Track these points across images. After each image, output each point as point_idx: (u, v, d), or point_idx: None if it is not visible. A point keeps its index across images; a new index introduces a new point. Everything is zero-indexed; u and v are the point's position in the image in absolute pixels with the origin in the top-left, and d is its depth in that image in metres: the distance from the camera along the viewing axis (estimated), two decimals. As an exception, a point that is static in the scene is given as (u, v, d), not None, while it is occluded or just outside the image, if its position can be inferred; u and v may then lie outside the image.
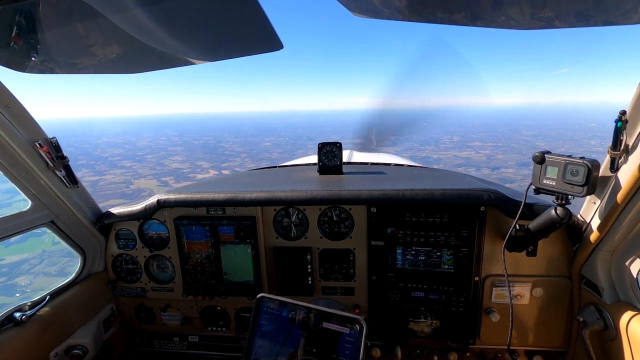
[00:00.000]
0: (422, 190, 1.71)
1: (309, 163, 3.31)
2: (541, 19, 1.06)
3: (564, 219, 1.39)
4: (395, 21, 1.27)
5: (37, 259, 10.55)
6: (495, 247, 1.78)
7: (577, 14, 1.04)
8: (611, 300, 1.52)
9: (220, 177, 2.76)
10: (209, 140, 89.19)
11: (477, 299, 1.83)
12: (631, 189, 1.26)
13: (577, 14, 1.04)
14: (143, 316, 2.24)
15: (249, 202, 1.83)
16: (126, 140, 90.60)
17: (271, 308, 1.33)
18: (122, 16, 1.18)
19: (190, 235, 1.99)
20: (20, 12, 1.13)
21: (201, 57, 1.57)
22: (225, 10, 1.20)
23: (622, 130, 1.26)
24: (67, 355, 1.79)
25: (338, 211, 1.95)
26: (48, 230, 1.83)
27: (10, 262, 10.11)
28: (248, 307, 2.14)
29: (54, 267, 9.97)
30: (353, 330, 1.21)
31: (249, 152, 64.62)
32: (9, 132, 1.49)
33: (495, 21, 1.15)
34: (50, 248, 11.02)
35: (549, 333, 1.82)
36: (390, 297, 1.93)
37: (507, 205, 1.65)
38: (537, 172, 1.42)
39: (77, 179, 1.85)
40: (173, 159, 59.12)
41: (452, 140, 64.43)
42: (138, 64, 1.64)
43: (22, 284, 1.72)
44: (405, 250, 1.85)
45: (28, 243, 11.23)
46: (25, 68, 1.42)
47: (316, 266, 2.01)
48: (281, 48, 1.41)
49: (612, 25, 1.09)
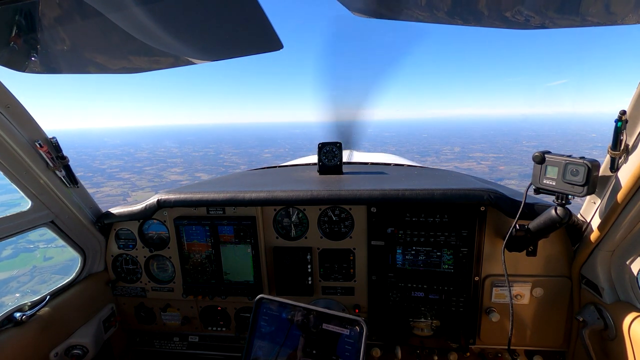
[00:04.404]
0: (422, 190, 1.71)
1: (309, 163, 3.31)
2: (531, 17, 1.06)
3: (564, 219, 1.39)
4: (395, 22, 1.27)
5: (27, 275, 10.13)
6: (495, 247, 1.78)
7: (558, 10, 1.04)
8: (611, 300, 1.52)
9: (220, 177, 2.76)
10: (209, 152, 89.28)
11: (477, 298, 1.83)
12: (631, 188, 1.26)
13: (559, 10, 1.04)
14: (143, 316, 2.24)
15: (249, 202, 1.83)
16: (125, 152, 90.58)
17: (271, 309, 1.33)
18: (122, 16, 1.18)
19: (190, 235, 1.99)
20: (20, 12, 1.13)
21: (201, 56, 1.57)
22: (225, 10, 1.20)
23: (622, 130, 1.26)
24: (67, 355, 1.79)
25: (338, 211, 1.95)
26: (48, 230, 1.83)
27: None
28: (248, 307, 2.14)
29: (44, 285, 9.59)
30: (353, 331, 1.21)
31: (249, 164, 65.04)
32: (9, 132, 1.50)
33: (495, 21, 1.15)
34: (41, 264, 10.73)
35: (549, 333, 1.82)
36: (390, 297, 1.93)
37: (507, 205, 1.65)
38: (537, 172, 1.41)
39: (77, 179, 1.85)
40: (172, 170, 59.29)
41: (453, 151, 64.50)
42: (138, 64, 1.64)
43: (9, 303, 1.69)
44: (405, 250, 1.85)
45: (19, 259, 10.96)
46: (25, 68, 1.42)
47: (316, 266, 2.01)
48: (281, 48, 1.41)
49: (601, 25, 1.09)
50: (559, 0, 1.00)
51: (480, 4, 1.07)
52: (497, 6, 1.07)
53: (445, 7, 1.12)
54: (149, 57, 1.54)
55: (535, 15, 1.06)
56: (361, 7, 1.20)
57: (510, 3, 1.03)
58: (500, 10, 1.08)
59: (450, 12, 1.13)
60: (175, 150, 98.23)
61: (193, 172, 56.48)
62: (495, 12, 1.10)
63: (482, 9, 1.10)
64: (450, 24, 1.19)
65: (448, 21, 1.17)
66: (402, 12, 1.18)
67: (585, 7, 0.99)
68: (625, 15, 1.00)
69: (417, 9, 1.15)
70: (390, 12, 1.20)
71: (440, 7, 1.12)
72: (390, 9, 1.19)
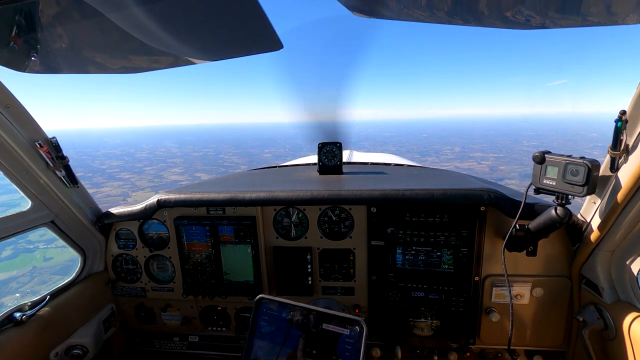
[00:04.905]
0: (422, 190, 1.71)
1: (309, 163, 3.31)
2: (532, 17, 1.06)
3: (564, 219, 1.39)
4: (394, 22, 1.27)
5: (27, 276, 10.12)
6: (495, 247, 1.78)
7: (558, 11, 1.04)
8: (611, 300, 1.52)
9: (220, 177, 2.76)
10: (209, 152, 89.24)
11: (477, 298, 1.83)
12: (631, 188, 1.26)
13: (559, 11, 1.04)
14: (143, 316, 2.24)
15: (249, 202, 1.83)
16: (125, 152, 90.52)
17: (271, 309, 1.33)
18: (122, 15, 1.18)
19: (190, 235, 1.99)
20: (20, 12, 1.13)
21: (201, 56, 1.57)
22: (225, 10, 1.20)
23: (622, 130, 1.26)
24: (67, 355, 1.79)
25: (338, 211, 1.95)
26: (48, 230, 1.83)
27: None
28: (248, 307, 2.14)
29: (43, 285, 9.53)
30: (353, 331, 1.21)
31: (249, 164, 65.09)
32: (9, 132, 1.49)
33: (495, 21, 1.15)
34: (41, 264, 10.71)
35: (549, 333, 1.82)
36: (390, 297, 1.93)
37: (507, 205, 1.65)
38: (537, 172, 1.41)
39: (77, 179, 1.85)
40: (172, 170, 59.32)
41: (453, 151, 64.52)
42: (138, 64, 1.64)
43: (8, 304, 1.69)
44: (405, 250, 1.85)
45: (19, 259, 10.94)
46: (25, 68, 1.42)
47: (316, 266, 2.01)
48: (281, 48, 1.41)
49: (601, 25, 1.08)
50: (560, 0, 1.00)
51: (481, 4, 1.07)
52: (498, 6, 1.07)
53: (445, 7, 1.12)
54: (149, 57, 1.53)
55: (535, 15, 1.06)
56: (361, 7, 1.20)
57: (511, 3, 1.03)
58: (500, 10, 1.08)
59: (450, 12, 1.13)
60: (175, 150, 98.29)
61: (193, 172, 56.56)
62: (495, 12, 1.10)
63: (482, 9, 1.09)
64: (450, 23, 1.18)
65: (448, 21, 1.17)
66: (402, 12, 1.18)
67: (586, 7, 0.99)
68: (626, 16, 1.00)
69: (417, 9, 1.15)
70: (390, 12, 1.20)
71: (440, 7, 1.12)
72: (390, 9, 1.19)
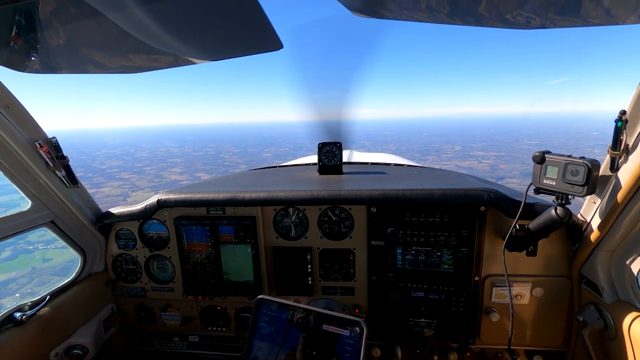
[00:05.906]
0: (422, 190, 1.71)
1: (309, 163, 3.31)
2: (530, 18, 1.06)
3: (564, 219, 1.39)
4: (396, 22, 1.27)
5: (27, 277, 10.01)
6: (495, 247, 1.78)
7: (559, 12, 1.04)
8: (611, 300, 1.52)
9: (220, 177, 2.75)
10: (209, 152, 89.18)
11: (477, 298, 1.83)
12: (631, 188, 1.26)
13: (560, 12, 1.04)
14: (143, 316, 2.24)
15: (249, 202, 1.83)
16: (125, 152, 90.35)
17: (270, 310, 1.33)
18: (122, 15, 1.18)
19: (190, 235, 1.99)
20: (20, 12, 1.13)
21: (201, 56, 1.57)
22: (225, 10, 1.20)
23: (622, 130, 1.26)
24: (67, 355, 1.79)
25: (338, 211, 1.95)
26: (48, 231, 1.83)
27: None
28: (248, 307, 2.14)
29: (43, 286, 9.37)
30: (353, 332, 1.21)
31: (249, 164, 64.94)
32: (9, 132, 1.49)
33: (495, 22, 1.15)
34: (40, 265, 10.66)
35: (549, 333, 1.82)
36: (391, 297, 1.93)
37: (507, 205, 1.65)
38: (537, 172, 1.41)
39: (77, 179, 1.85)
40: (172, 170, 59.26)
41: (454, 150, 64.44)
42: (137, 64, 1.64)
43: (8, 305, 1.68)
44: (405, 250, 1.85)
45: (18, 260, 10.88)
46: (25, 68, 1.42)
47: (316, 266, 2.01)
48: (281, 48, 1.41)
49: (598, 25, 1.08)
50: (560, 2, 1.00)
51: (481, 5, 1.07)
52: (498, 8, 1.07)
53: (446, 8, 1.12)
54: (149, 57, 1.53)
55: (536, 16, 1.06)
56: (361, 7, 1.20)
57: (511, 6, 1.03)
58: (500, 12, 1.08)
59: (450, 13, 1.13)
60: (175, 150, 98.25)
61: (193, 172, 56.54)
62: (495, 14, 1.10)
63: (482, 11, 1.09)
64: (450, 24, 1.18)
65: (448, 21, 1.17)
66: (402, 12, 1.18)
67: (586, 8, 0.99)
68: (626, 17, 1.00)
69: (417, 10, 1.15)
70: (391, 13, 1.20)
71: (440, 8, 1.12)
72: (391, 9, 1.19)
